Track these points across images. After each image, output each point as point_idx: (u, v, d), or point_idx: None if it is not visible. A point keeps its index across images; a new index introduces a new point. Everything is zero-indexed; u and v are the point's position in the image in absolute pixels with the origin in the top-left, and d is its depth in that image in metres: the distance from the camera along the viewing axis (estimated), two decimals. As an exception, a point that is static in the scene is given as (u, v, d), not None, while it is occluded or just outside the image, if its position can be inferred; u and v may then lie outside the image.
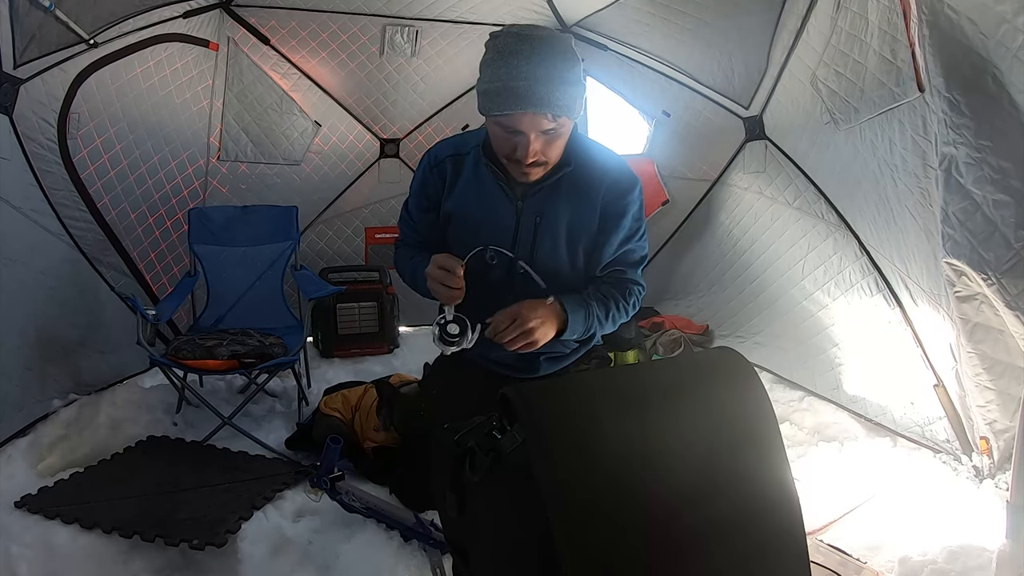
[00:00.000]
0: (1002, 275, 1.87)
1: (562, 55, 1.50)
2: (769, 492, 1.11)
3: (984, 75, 1.86)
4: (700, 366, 1.27)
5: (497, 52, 1.51)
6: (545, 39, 1.50)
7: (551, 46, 1.49)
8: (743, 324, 3.53)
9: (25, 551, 1.83)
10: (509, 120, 1.52)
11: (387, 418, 2.38)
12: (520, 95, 1.48)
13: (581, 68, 1.55)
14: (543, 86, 1.47)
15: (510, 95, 1.48)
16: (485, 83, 1.53)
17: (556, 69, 1.48)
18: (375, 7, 3.55)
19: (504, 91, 1.49)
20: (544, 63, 1.48)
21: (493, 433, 1.09)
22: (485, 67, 1.54)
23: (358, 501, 2.05)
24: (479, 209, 1.70)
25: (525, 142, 1.54)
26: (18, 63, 2.26)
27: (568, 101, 1.51)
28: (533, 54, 1.47)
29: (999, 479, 2.09)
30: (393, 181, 4.01)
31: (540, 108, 1.48)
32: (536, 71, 1.47)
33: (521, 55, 1.48)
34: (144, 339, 2.50)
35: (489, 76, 1.52)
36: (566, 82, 1.49)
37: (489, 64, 1.53)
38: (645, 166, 4.10)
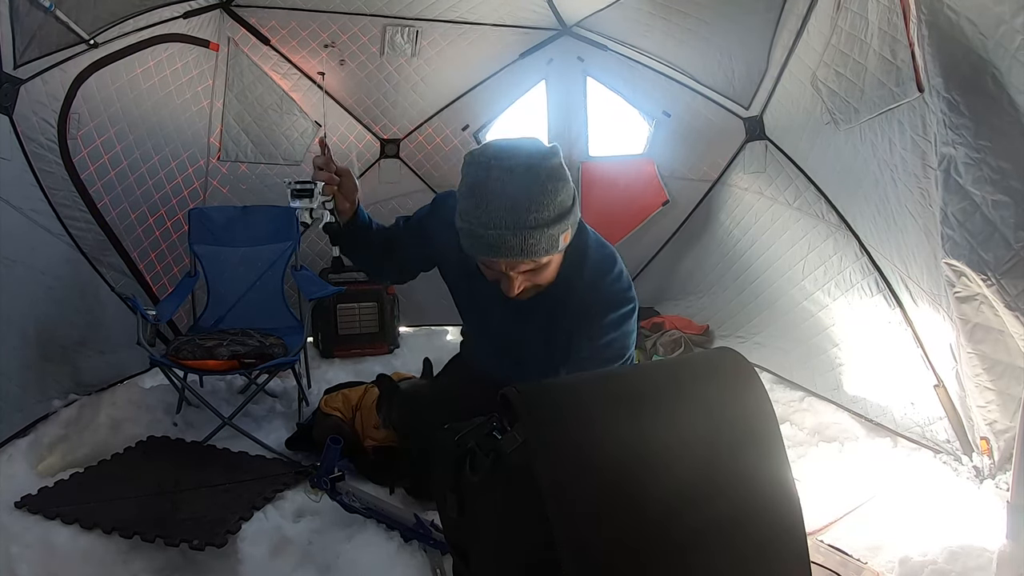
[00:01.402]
0: (1002, 275, 1.87)
1: (539, 190, 1.38)
2: (769, 492, 1.11)
3: (983, 75, 1.86)
4: (700, 366, 1.27)
5: (468, 187, 1.44)
6: (516, 171, 1.38)
7: (524, 181, 1.38)
8: (743, 324, 3.53)
9: (25, 551, 1.83)
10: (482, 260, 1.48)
11: (386, 414, 2.38)
12: (492, 245, 1.41)
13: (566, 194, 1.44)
14: (515, 235, 1.39)
15: (483, 243, 1.42)
16: (461, 221, 1.46)
17: (530, 212, 1.38)
18: (375, 7, 3.55)
19: (477, 238, 1.42)
20: (516, 207, 1.37)
21: (493, 434, 1.09)
22: (460, 199, 1.47)
23: (358, 501, 2.05)
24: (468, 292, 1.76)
25: (507, 280, 1.49)
26: (18, 63, 2.26)
27: (546, 243, 1.42)
28: (503, 194, 1.38)
29: (999, 479, 2.09)
30: (393, 181, 4.01)
31: (514, 256, 1.42)
32: (507, 217, 1.38)
33: (491, 196, 1.38)
34: (144, 339, 2.49)
35: (463, 215, 1.45)
36: (542, 224, 1.39)
37: (463, 197, 1.45)
38: (645, 166, 4.10)
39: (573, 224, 1.49)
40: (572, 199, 1.47)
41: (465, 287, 1.78)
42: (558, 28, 3.92)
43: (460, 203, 1.46)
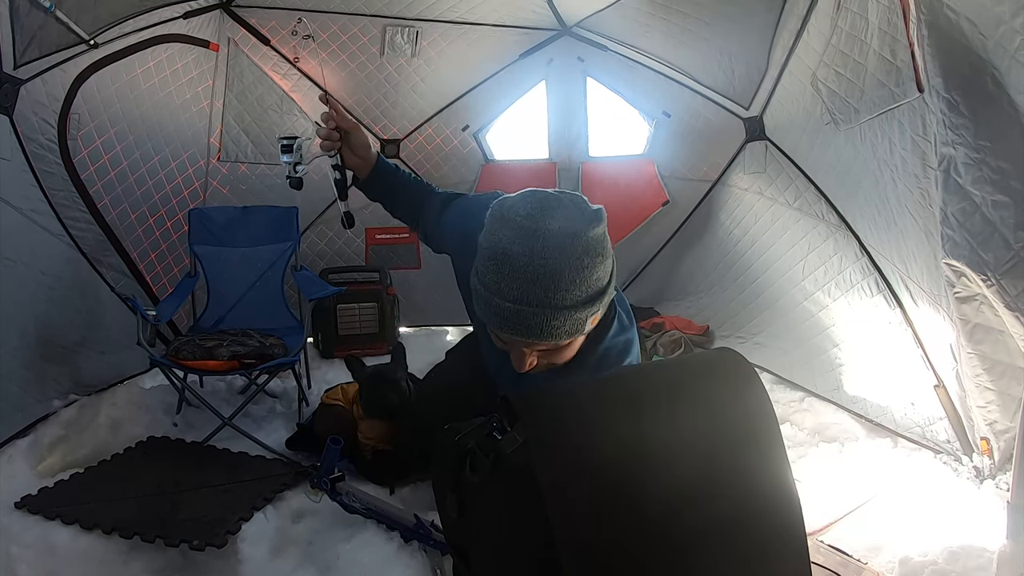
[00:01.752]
0: (1001, 276, 1.87)
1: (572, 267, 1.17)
2: (769, 493, 1.11)
3: (983, 76, 1.86)
4: (700, 367, 1.27)
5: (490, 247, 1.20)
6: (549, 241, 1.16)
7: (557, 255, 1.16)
8: (743, 325, 3.53)
9: (25, 551, 1.83)
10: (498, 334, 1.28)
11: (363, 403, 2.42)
12: (508, 320, 1.20)
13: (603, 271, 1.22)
14: (536, 315, 1.18)
15: (498, 316, 1.21)
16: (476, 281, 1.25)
17: (558, 291, 1.17)
18: (375, 8, 3.55)
19: (492, 308, 1.22)
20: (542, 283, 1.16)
21: (493, 434, 1.09)
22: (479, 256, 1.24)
23: (358, 502, 2.05)
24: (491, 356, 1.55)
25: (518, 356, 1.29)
26: (18, 64, 2.26)
27: (571, 326, 1.21)
28: (530, 265, 1.15)
29: (999, 480, 2.09)
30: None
31: (531, 337, 1.21)
32: (529, 293, 1.16)
33: (514, 265, 1.16)
34: (144, 340, 2.49)
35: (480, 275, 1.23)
36: (569, 306, 1.18)
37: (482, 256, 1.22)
38: (645, 167, 4.10)
39: (605, 305, 1.26)
40: (609, 277, 1.25)
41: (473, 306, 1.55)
42: (558, 28, 3.92)
43: (478, 261, 1.24)
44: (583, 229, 1.19)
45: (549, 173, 4.15)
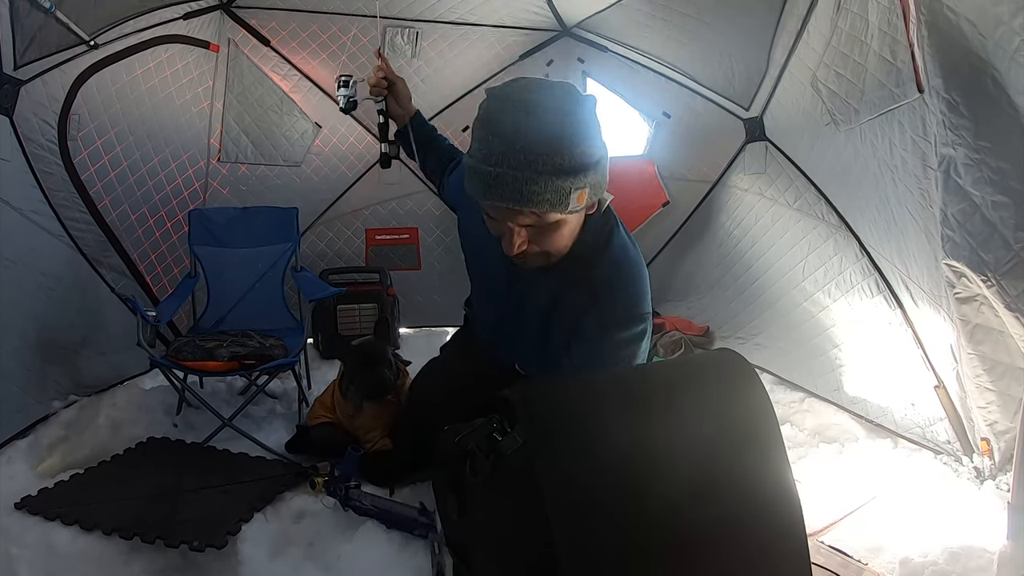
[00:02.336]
0: (1002, 276, 1.87)
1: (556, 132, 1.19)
2: (770, 493, 1.11)
3: (983, 76, 1.86)
4: (701, 367, 1.27)
5: (480, 120, 1.27)
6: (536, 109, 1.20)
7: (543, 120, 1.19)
8: (744, 325, 3.53)
9: (25, 552, 1.83)
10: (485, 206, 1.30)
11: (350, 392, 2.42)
12: (491, 183, 1.22)
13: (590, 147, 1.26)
14: (517, 176, 1.19)
15: (483, 181, 1.24)
16: (467, 157, 1.28)
17: (539, 154, 1.19)
18: (376, 9, 3.55)
19: (478, 175, 1.24)
20: (525, 146, 1.18)
21: (494, 435, 1.09)
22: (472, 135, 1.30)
23: (367, 502, 2.06)
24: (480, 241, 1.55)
25: (507, 233, 1.30)
26: (18, 64, 2.26)
27: (552, 195, 1.21)
28: (515, 129, 1.19)
29: (1000, 480, 2.09)
30: (393, 183, 4.01)
31: (514, 203, 1.23)
32: (512, 154, 1.19)
33: (501, 130, 1.20)
34: (144, 340, 2.49)
35: (470, 150, 1.28)
36: (551, 171, 1.20)
37: (474, 133, 1.28)
38: (645, 167, 4.10)
39: (594, 186, 1.28)
40: (598, 158, 1.27)
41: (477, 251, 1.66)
42: (558, 29, 3.92)
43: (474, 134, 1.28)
44: (571, 106, 1.23)
45: (549, 174, 4.15)
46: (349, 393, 2.45)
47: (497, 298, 1.64)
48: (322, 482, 2.16)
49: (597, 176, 1.30)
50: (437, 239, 4.08)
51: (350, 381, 2.44)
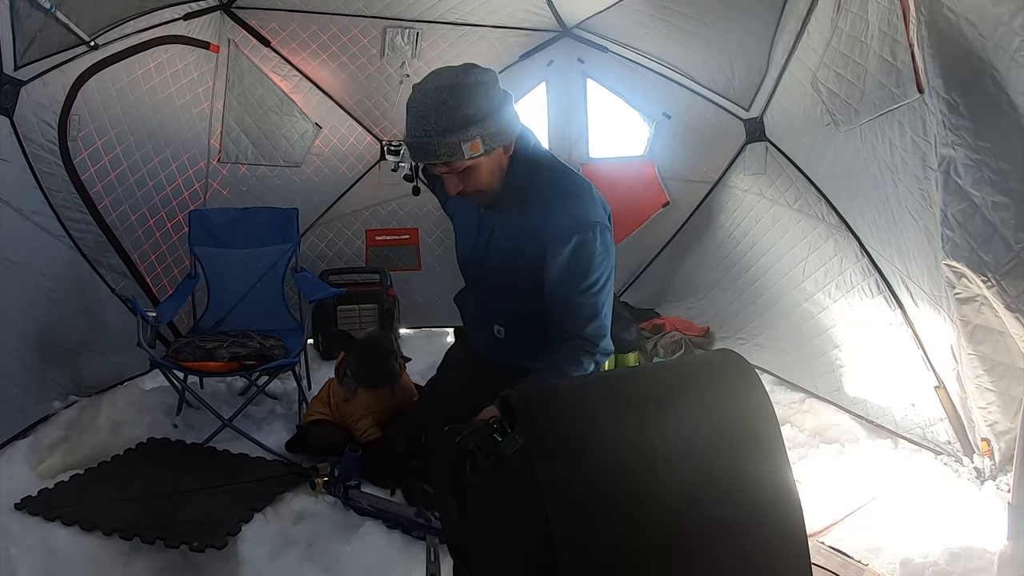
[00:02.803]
0: (1002, 277, 1.87)
1: (441, 105, 1.63)
2: (770, 494, 1.11)
3: (983, 77, 1.86)
4: (701, 368, 1.27)
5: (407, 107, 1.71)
6: (429, 93, 1.66)
7: (434, 100, 1.64)
8: (744, 326, 3.52)
9: (25, 553, 1.83)
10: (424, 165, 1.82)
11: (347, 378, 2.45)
12: (412, 150, 1.73)
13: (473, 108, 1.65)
14: (420, 141, 1.67)
15: (411, 149, 1.74)
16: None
17: (429, 123, 1.64)
18: (376, 9, 3.55)
19: (407, 146, 1.79)
20: (422, 119, 1.65)
21: (494, 436, 1.09)
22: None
23: (366, 502, 2.06)
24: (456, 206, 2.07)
25: (443, 179, 1.78)
26: (19, 65, 2.26)
27: (447, 149, 1.65)
28: (418, 111, 1.66)
29: (1000, 481, 2.09)
30: (393, 183, 3.99)
31: (425, 159, 1.71)
32: (415, 127, 1.67)
33: (409, 111, 1.69)
34: (144, 341, 2.49)
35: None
36: (441, 132, 1.64)
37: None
38: (646, 168, 4.11)
39: (485, 136, 1.67)
40: (484, 115, 1.66)
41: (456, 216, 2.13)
42: (558, 30, 3.92)
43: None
44: (450, 82, 1.65)
45: (549, 174, 4.15)
46: (345, 379, 2.47)
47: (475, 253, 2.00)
48: (322, 482, 2.17)
49: (487, 127, 1.67)
50: (437, 239, 4.08)
51: (351, 369, 2.45)
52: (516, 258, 1.85)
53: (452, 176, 1.75)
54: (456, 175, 1.75)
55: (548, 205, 1.79)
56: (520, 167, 1.82)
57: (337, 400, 2.52)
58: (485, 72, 1.71)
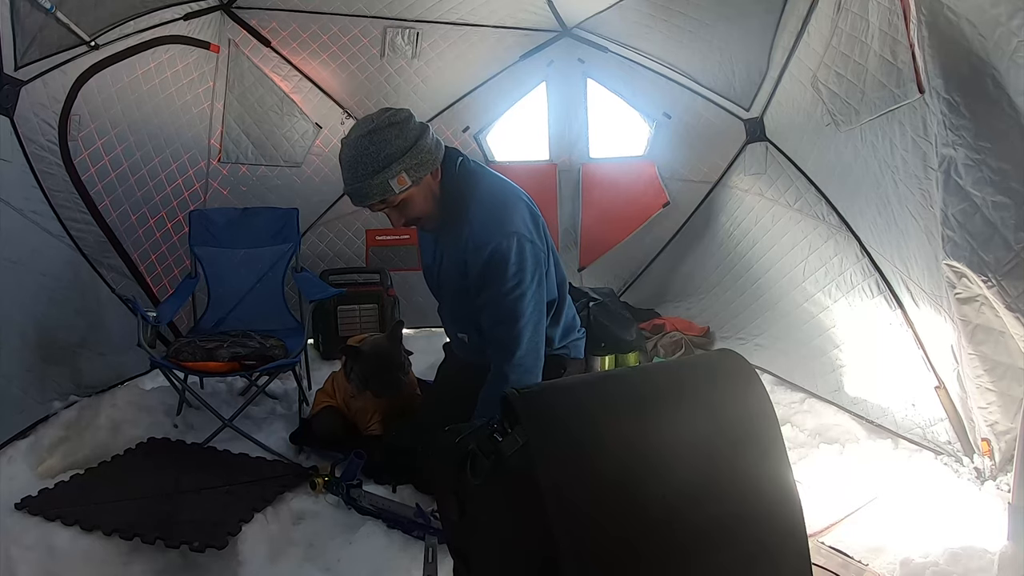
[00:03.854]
0: (1002, 277, 1.87)
1: (363, 152, 1.83)
2: (770, 493, 1.11)
3: (983, 77, 1.86)
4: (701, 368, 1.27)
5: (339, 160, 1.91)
6: (351, 144, 1.86)
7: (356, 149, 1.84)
8: (744, 326, 3.52)
9: (25, 553, 1.83)
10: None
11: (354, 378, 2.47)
12: (351, 196, 1.90)
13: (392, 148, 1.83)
14: (353, 189, 1.87)
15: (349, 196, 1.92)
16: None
17: (356, 171, 1.84)
18: (376, 9, 3.55)
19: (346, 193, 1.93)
20: (351, 169, 1.85)
21: (494, 436, 1.09)
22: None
23: (368, 502, 2.07)
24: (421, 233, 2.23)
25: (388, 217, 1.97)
26: (19, 65, 2.27)
27: (377, 190, 1.85)
28: (346, 162, 1.87)
29: (1000, 481, 2.09)
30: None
31: (363, 203, 1.90)
32: (348, 176, 1.87)
33: (342, 165, 1.89)
34: (144, 341, 2.49)
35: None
36: (366, 176, 1.83)
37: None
38: (646, 168, 4.11)
39: (411, 168, 1.85)
40: (403, 151, 1.84)
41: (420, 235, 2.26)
42: (558, 30, 3.92)
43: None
44: (367, 129, 1.85)
45: (549, 174, 4.16)
46: (352, 376, 2.48)
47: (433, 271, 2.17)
48: (322, 482, 2.17)
49: (408, 161, 1.85)
50: (437, 240, 4.07)
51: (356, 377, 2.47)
52: (461, 271, 2.00)
53: (392, 211, 1.94)
54: (394, 210, 1.93)
55: (472, 219, 1.95)
56: (450, 188, 1.99)
57: (344, 396, 2.55)
58: (398, 112, 1.90)
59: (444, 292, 2.20)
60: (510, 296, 1.90)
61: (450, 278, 2.09)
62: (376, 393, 2.45)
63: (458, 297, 2.09)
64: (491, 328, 1.97)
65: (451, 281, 2.09)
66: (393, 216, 1.95)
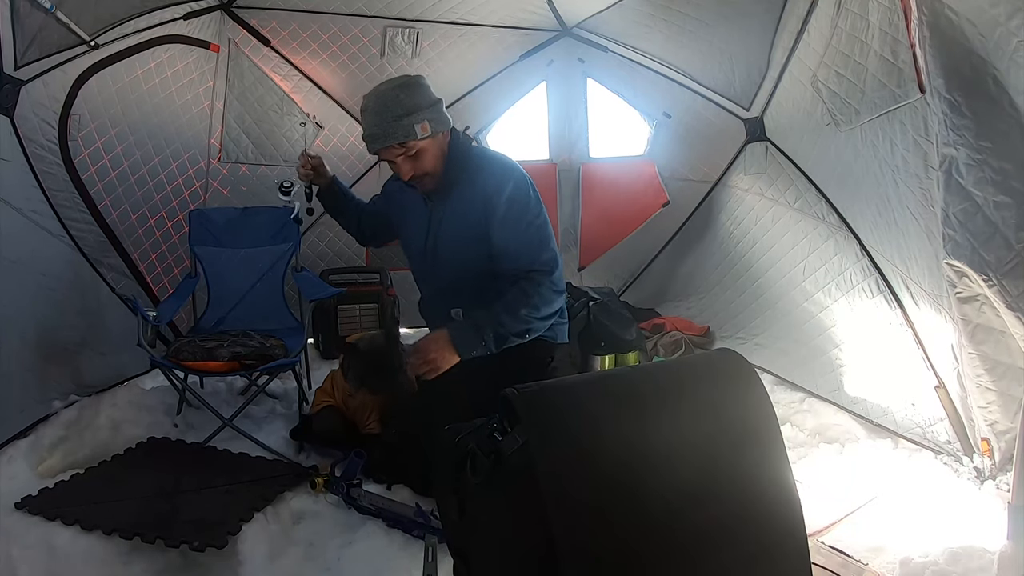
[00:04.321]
0: (1003, 276, 1.87)
1: (393, 99, 2.01)
2: (770, 493, 1.11)
3: (984, 76, 1.86)
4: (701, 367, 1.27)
5: (360, 109, 2.09)
6: (380, 92, 2.05)
7: (383, 95, 2.03)
8: (744, 326, 3.52)
9: (26, 552, 1.83)
10: (379, 156, 2.11)
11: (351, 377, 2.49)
12: (370, 137, 2.05)
13: (418, 99, 2.03)
14: (378, 127, 2.01)
15: (369, 139, 2.06)
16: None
17: (388, 111, 2.00)
18: (376, 9, 3.55)
19: (366, 139, 2.07)
20: (380, 111, 2.01)
21: (494, 435, 1.09)
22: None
23: (368, 501, 2.07)
24: (406, 213, 2.32)
25: (397, 166, 2.09)
26: (19, 64, 2.27)
27: (401, 130, 2.00)
28: (375, 106, 2.02)
29: (1000, 480, 2.09)
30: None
31: (384, 143, 2.02)
32: (375, 118, 2.02)
33: (368, 109, 2.04)
34: (145, 341, 2.49)
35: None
36: (397, 117, 1.99)
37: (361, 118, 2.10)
38: (646, 168, 4.11)
39: (432, 120, 2.04)
40: (428, 104, 2.05)
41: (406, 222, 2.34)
42: (558, 29, 3.92)
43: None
44: (397, 83, 2.07)
45: (549, 174, 4.15)
46: (349, 375, 2.50)
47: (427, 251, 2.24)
48: (322, 482, 2.17)
49: (432, 113, 2.05)
50: (437, 239, 4.08)
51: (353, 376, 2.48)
52: (466, 234, 2.12)
53: (405, 161, 2.06)
54: (408, 159, 2.06)
55: (480, 176, 2.12)
56: (456, 150, 2.15)
57: (342, 393, 2.56)
58: (420, 76, 2.14)
59: (439, 265, 2.23)
60: (536, 222, 2.09)
61: (452, 245, 2.17)
62: (372, 391, 2.46)
63: (459, 266, 2.17)
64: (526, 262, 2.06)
65: (452, 250, 2.17)
66: (404, 167, 2.06)
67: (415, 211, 2.27)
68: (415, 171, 2.08)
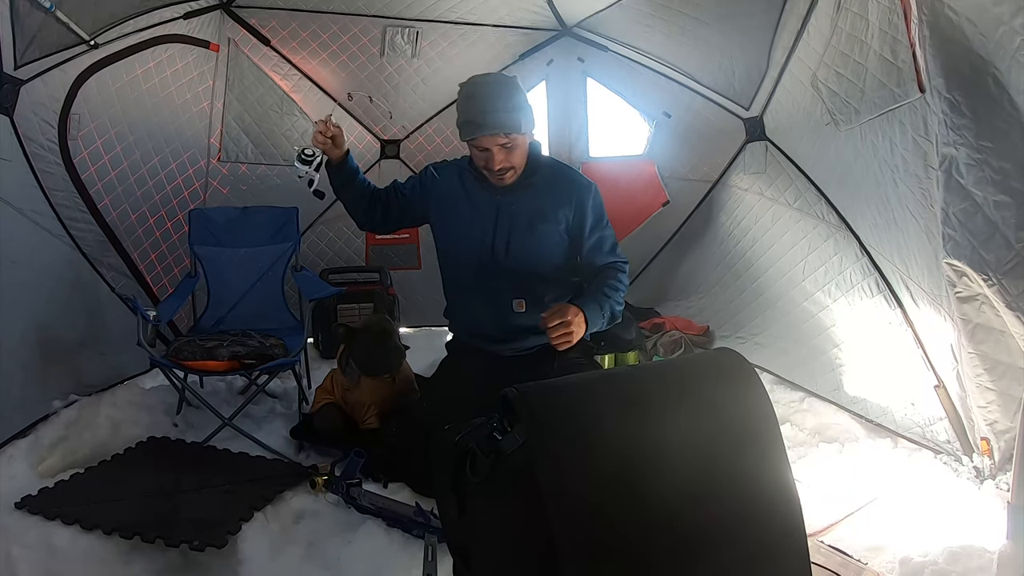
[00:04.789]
0: (1003, 276, 1.87)
1: (506, 91, 2.08)
2: (770, 493, 1.11)
3: (984, 76, 1.86)
4: (701, 367, 1.27)
5: (463, 96, 2.13)
6: (492, 82, 2.13)
7: (497, 85, 2.10)
8: (744, 325, 3.52)
9: (26, 552, 1.83)
10: (477, 142, 2.11)
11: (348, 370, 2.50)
12: (480, 124, 2.06)
13: (523, 97, 2.12)
14: (493, 113, 2.04)
15: (476, 124, 2.07)
16: (460, 118, 2.13)
17: (501, 101, 2.05)
18: (376, 8, 3.55)
19: (472, 123, 2.08)
20: (496, 96, 2.06)
21: (494, 434, 1.09)
22: (458, 107, 2.14)
23: (368, 501, 2.07)
24: (458, 203, 2.28)
25: (491, 156, 2.11)
26: (19, 64, 2.26)
27: (512, 121, 2.06)
28: (485, 90, 2.07)
29: (1000, 480, 2.09)
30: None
31: (495, 130, 2.06)
32: (487, 103, 2.05)
33: (478, 93, 2.08)
34: (144, 340, 2.49)
35: (462, 112, 2.13)
36: (510, 109, 2.06)
37: (461, 105, 2.14)
38: (646, 167, 4.10)
39: (528, 121, 2.14)
40: (528, 106, 2.15)
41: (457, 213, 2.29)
42: (558, 29, 3.92)
43: (459, 109, 2.14)
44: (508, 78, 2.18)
45: (549, 173, 4.15)
46: (348, 369, 2.51)
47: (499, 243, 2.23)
48: (322, 482, 2.17)
49: (530, 113, 2.15)
50: (438, 239, 4.08)
51: (355, 359, 2.49)
52: (543, 228, 2.22)
53: (501, 151, 2.10)
54: (508, 151, 2.11)
55: (561, 174, 2.29)
56: (533, 153, 2.26)
57: (341, 390, 2.57)
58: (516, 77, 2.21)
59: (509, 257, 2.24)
60: (609, 224, 2.33)
61: (524, 237, 2.22)
62: (370, 372, 2.47)
63: (531, 256, 2.23)
64: (606, 256, 2.29)
65: (525, 241, 2.22)
66: (500, 156, 2.10)
67: (475, 203, 2.26)
68: (507, 163, 2.13)
